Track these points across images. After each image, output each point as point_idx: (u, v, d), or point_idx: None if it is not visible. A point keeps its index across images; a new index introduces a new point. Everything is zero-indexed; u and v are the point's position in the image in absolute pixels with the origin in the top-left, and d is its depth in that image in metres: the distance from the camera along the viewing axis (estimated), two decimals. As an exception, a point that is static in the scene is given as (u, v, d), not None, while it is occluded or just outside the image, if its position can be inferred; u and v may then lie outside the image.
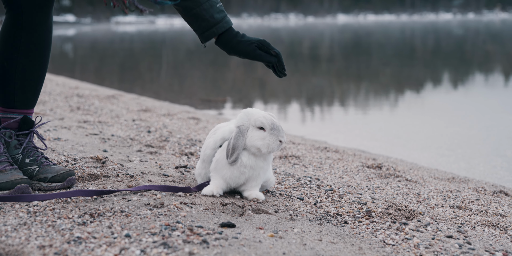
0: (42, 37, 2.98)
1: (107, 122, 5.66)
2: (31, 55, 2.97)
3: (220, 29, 2.89)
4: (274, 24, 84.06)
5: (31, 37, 2.95)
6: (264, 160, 2.94)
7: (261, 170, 2.94)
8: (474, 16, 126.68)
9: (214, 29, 2.89)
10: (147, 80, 14.63)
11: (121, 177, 3.18)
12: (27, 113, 3.04)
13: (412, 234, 2.69)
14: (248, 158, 2.90)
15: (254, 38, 2.91)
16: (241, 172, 2.91)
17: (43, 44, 3.00)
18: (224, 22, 2.90)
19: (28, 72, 2.99)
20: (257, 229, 2.50)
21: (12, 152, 2.97)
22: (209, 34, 2.91)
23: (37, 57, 2.99)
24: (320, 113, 9.30)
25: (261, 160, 2.93)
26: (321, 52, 25.64)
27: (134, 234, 2.29)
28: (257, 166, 2.92)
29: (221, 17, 2.89)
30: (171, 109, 7.52)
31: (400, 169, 4.51)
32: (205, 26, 2.89)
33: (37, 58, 2.99)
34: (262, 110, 2.98)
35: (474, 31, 47.43)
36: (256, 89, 12.96)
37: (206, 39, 2.93)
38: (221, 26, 2.89)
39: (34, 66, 3.00)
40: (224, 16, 2.91)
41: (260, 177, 2.96)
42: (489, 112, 9.20)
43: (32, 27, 2.94)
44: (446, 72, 16.55)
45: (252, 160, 2.91)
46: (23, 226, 2.33)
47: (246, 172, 2.91)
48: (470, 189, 4.08)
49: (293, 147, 5.16)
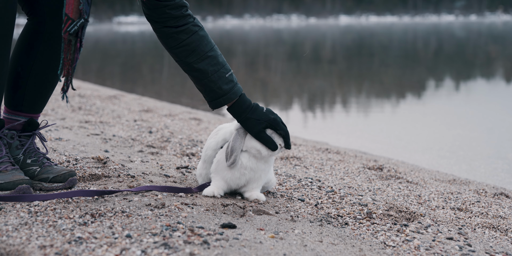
0: (61, 47, 2.98)
1: (109, 122, 5.66)
2: (46, 63, 2.96)
3: (227, 100, 2.91)
4: (276, 25, 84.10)
5: (50, 46, 2.94)
6: (266, 162, 2.95)
7: (262, 172, 2.95)
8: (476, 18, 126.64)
9: (221, 99, 2.91)
10: (149, 80, 14.64)
11: (122, 178, 3.19)
12: (33, 117, 3.05)
13: (413, 235, 2.69)
14: (248, 160, 2.90)
15: (264, 116, 2.89)
16: (242, 174, 2.91)
17: (60, 55, 3.00)
18: (231, 93, 2.91)
19: (41, 79, 2.98)
20: (258, 230, 2.50)
21: (13, 153, 2.98)
22: (217, 103, 2.94)
23: (52, 65, 2.98)
24: (322, 115, 9.30)
25: (262, 162, 2.93)
26: (323, 53, 25.64)
27: (135, 234, 2.29)
28: (258, 168, 2.92)
29: (229, 88, 2.91)
30: (172, 110, 7.53)
31: (401, 171, 4.51)
32: (213, 96, 2.92)
33: (52, 67, 2.98)
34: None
35: (476, 33, 47.41)
36: (258, 90, 12.97)
37: (214, 107, 2.96)
38: (229, 97, 2.91)
39: (48, 74, 2.99)
40: (233, 86, 2.92)
41: (261, 179, 2.97)
42: (491, 114, 9.20)
43: (52, 37, 2.93)
44: (447, 74, 16.54)
45: (253, 162, 2.91)
46: (24, 226, 2.34)
47: (246, 174, 2.91)
48: (471, 191, 4.08)
49: (295, 148, 5.16)
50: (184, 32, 2.88)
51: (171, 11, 2.85)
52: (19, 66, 2.95)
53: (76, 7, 2.68)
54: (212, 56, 2.91)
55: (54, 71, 3.00)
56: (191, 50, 2.89)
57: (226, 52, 26.01)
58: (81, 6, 2.68)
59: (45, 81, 3.01)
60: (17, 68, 2.95)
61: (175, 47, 2.90)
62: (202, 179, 3.10)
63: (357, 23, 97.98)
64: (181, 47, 2.89)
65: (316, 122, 8.60)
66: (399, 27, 69.48)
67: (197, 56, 2.89)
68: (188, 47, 2.89)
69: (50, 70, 2.99)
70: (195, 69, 2.91)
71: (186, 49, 2.89)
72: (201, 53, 2.90)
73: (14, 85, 2.97)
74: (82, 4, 2.68)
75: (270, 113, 2.92)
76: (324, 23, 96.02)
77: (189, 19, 2.90)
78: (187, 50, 2.89)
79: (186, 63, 2.91)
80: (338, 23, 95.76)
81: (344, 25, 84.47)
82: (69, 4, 2.67)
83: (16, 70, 2.95)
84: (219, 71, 2.91)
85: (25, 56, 2.95)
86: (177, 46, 2.90)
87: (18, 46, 2.97)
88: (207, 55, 2.90)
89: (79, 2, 2.68)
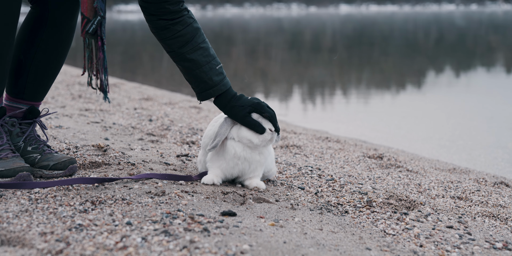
0: (64, 36, 2.98)
1: (109, 111, 5.66)
2: (49, 52, 2.97)
3: (217, 91, 2.95)
4: (276, 14, 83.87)
5: (53, 35, 2.95)
6: (261, 154, 2.94)
7: (257, 164, 2.94)
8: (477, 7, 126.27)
9: (211, 90, 2.95)
10: (149, 69, 14.62)
11: (122, 165, 3.19)
12: (34, 104, 3.04)
13: (413, 224, 2.69)
14: (243, 150, 2.90)
15: (248, 102, 2.93)
16: (235, 164, 2.91)
17: (64, 43, 3.00)
18: (221, 85, 2.96)
19: (43, 68, 2.99)
20: (258, 218, 2.50)
21: (14, 140, 2.98)
22: (206, 95, 2.97)
23: (55, 54, 2.98)
24: (322, 103, 9.29)
25: (257, 153, 2.92)
26: (323, 42, 25.59)
27: (135, 222, 2.29)
28: (253, 159, 2.91)
29: (220, 80, 2.96)
30: (172, 98, 7.52)
31: (401, 160, 4.51)
32: (203, 87, 2.96)
33: (54, 55, 2.98)
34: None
35: (477, 23, 47.30)
36: (258, 78, 12.95)
37: (203, 99, 2.99)
38: (218, 88, 2.95)
39: (50, 63, 3.00)
40: (222, 78, 2.97)
41: (257, 170, 2.96)
42: (491, 104, 9.19)
43: (55, 26, 2.94)
44: (448, 63, 16.52)
45: (247, 152, 2.90)
46: (25, 213, 2.34)
47: (239, 164, 2.91)
48: (471, 180, 4.08)
49: (295, 136, 5.16)
50: (180, 24, 2.91)
51: (170, 6, 2.88)
52: (21, 54, 2.94)
53: (90, 5, 2.69)
54: (204, 47, 2.95)
55: (57, 59, 3.00)
56: (185, 41, 2.92)
57: (227, 41, 25.96)
58: (95, 3, 2.68)
59: (47, 70, 3.01)
60: (19, 56, 2.94)
61: (169, 38, 2.93)
62: (201, 166, 3.11)
63: (358, 12, 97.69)
64: (175, 38, 2.92)
65: (316, 111, 8.60)
66: (400, 16, 69.31)
67: (190, 46, 2.93)
68: (183, 38, 2.92)
69: (52, 58, 2.99)
70: (187, 59, 2.94)
71: (180, 40, 2.92)
72: (194, 44, 2.93)
73: (16, 73, 2.97)
74: (96, 1, 2.68)
75: (254, 99, 2.96)
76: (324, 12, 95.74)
77: (185, 12, 2.94)
78: (181, 41, 2.92)
79: (179, 53, 2.94)
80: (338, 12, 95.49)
81: (345, 14, 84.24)
82: (84, 3, 2.68)
83: (18, 58, 2.94)
84: (210, 63, 2.96)
85: (28, 44, 2.95)
86: (171, 37, 2.92)
87: (20, 34, 2.96)
88: (200, 46, 2.94)
89: (93, 0, 2.68)
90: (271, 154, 3.07)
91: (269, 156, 3.04)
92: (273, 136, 2.91)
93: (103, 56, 2.81)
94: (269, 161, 3.06)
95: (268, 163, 3.05)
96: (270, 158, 3.08)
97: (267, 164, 3.05)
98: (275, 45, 23.37)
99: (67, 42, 3.02)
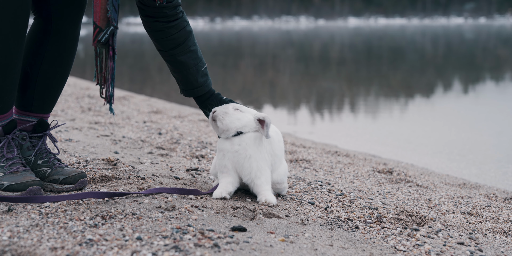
0: (68, 46, 3.00)
1: (118, 124, 5.67)
2: (55, 62, 2.99)
3: (200, 92, 3.17)
4: (284, 27, 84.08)
5: (57, 45, 2.97)
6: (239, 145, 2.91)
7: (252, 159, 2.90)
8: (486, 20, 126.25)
9: (195, 90, 3.16)
10: (158, 81, 14.66)
11: (132, 179, 3.19)
12: (43, 117, 3.05)
13: (423, 240, 2.68)
14: (222, 143, 2.96)
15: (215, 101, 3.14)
16: (222, 156, 2.95)
17: (68, 53, 3.02)
18: (205, 85, 3.17)
19: (49, 79, 3.00)
20: (268, 233, 2.50)
21: (24, 154, 2.98)
22: (190, 93, 3.17)
23: (61, 65, 3.01)
24: (331, 117, 9.29)
25: (237, 143, 2.91)
26: (332, 55, 25.62)
27: (146, 237, 2.29)
28: (233, 149, 2.91)
29: (204, 81, 3.16)
30: (181, 111, 7.53)
31: (411, 174, 4.50)
32: (188, 86, 3.16)
33: (60, 66, 3.01)
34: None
35: (486, 36, 47.28)
36: (266, 91, 12.96)
37: (186, 96, 3.20)
38: (202, 89, 3.17)
39: (56, 73, 3.02)
40: (206, 80, 3.18)
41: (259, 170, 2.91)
42: (501, 118, 9.16)
43: (59, 36, 2.96)
44: (457, 76, 16.50)
45: (227, 144, 2.93)
46: (35, 228, 2.34)
47: (226, 155, 2.93)
48: (481, 195, 4.06)
49: (304, 150, 5.16)
50: (174, 28, 3.04)
51: (168, 10, 3.00)
52: (28, 66, 2.96)
53: (103, 15, 2.72)
54: (194, 50, 3.11)
55: (63, 69, 3.03)
56: (177, 44, 3.06)
57: (236, 53, 26.03)
58: (109, 13, 2.71)
59: (53, 80, 3.02)
60: (26, 68, 2.96)
61: (163, 39, 3.06)
62: (213, 167, 3.13)
63: (366, 25, 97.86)
64: (168, 40, 3.06)
65: (325, 125, 8.59)
66: (408, 29, 69.38)
67: (181, 49, 3.08)
68: (175, 41, 3.06)
69: (58, 69, 3.01)
70: (177, 60, 3.10)
71: (172, 42, 3.06)
72: (185, 47, 3.08)
73: (23, 86, 2.98)
74: (110, 11, 2.71)
75: (227, 99, 3.17)
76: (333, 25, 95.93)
77: (180, 15, 3.06)
78: (173, 43, 3.06)
79: (170, 54, 3.09)
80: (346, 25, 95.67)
81: (353, 27, 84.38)
82: (96, 12, 2.71)
83: (24, 70, 2.96)
84: (198, 65, 3.12)
85: (33, 56, 2.96)
86: (164, 38, 3.06)
87: (26, 45, 2.98)
88: (190, 49, 3.10)
89: (107, 10, 2.71)
90: (285, 165, 3.07)
91: (280, 168, 3.03)
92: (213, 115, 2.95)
93: (113, 66, 2.84)
94: (281, 173, 3.04)
95: (281, 174, 3.04)
96: (283, 171, 3.06)
97: (279, 176, 3.02)
98: (284, 58, 23.41)
99: (71, 51, 3.04)
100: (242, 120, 2.92)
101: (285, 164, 3.10)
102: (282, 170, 3.06)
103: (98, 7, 2.74)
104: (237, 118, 2.93)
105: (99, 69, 2.86)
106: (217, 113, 2.95)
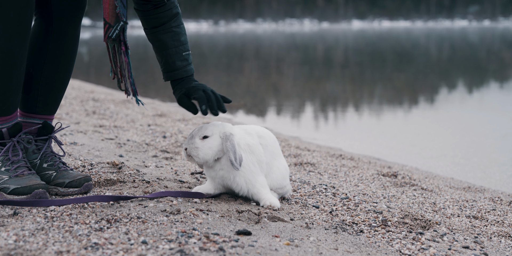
0: (69, 45, 3.03)
1: (123, 127, 5.68)
2: (57, 62, 3.01)
3: (177, 75, 3.08)
4: (288, 30, 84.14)
5: (58, 45, 3.00)
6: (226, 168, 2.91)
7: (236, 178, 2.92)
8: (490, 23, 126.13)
9: (172, 73, 3.08)
10: (162, 84, 14.67)
11: (137, 183, 3.19)
12: (47, 119, 3.07)
13: (429, 244, 2.68)
14: (207, 171, 2.99)
15: (186, 85, 3.03)
16: (215, 182, 2.99)
17: (70, 53, 3.05)
18: (183, 70, 3.08)
19: (52, 79, 3.02)
20: (273, 237, 2.50)
21: (30, 157, 2.99)
22: (167, 76, 3.11)
23: (63, 65, 3.03)
24: (335, 120, 9.29)
25: (219, 169, 2.93)
26: (336, 58, 25.62)
27: (151, 240, 2.29)
28: (218, 175, 2.94)
29: (182, 65, 3.08)
30: (185, 114, 7.54)
31: (415, 178, 4.49)
32: (166, 68, 3.09)
33: (62, 66, 3.03)
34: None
35: (490, 39, 47.22)
36: (270, 94, 12.97)
37: (165, 79, 3.13)
38: (179, 73, 3.08)
39: (59, 73, 3.04)
40: (186, 65, 3.08)
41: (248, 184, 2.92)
42: (505, 121, 9.14)
43: (60, 36, 2.99)
44: (461, 79, 16.48)
45: (211, 172, 2.96)
46: (41, 231, 2.34)
47: (216, 181, 2.98)
48: (486, 198, 4.06)
49: (308, 154, 5.16)
50: (162, 8, 3.05)
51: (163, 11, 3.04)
52: (31, 66, 2.98)
53: (112, 11, 2.75)
54: (176, 32, 3.07)
55: (65, 69, 3.05)
56: (161, 23, 3.05)
57: (239, 56, 26.04)
58: (118, 9, 2.73)
59: (57, 80, 3.04)
60: (29, 69, 2.98)
61: (148, 17, 3.05)
62: None
63: (370, 28, 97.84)
64: (154, 19, 3.05)
65: (329, 128, 8.59)
66: (412, 32, 69.34)
67: (163, 28, 3.05)
68: (160, 20, 3.05)
69: (61, 68, 3.03)
70: (158, 39, 3.06)
71: (157, 21, 3.05)
72: (167, 27, 3.06)
73: (27, 87, 2.99)
74: (118, 7, 2.74)
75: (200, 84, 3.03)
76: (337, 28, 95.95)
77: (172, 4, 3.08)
78: (157, 22, 3.05)
79: (152, 31, 3.07)
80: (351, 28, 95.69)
81: (357, 30, 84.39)
82: (105, 9, 2.74)
83: (28, 71, 2.97)
84: (178, 48, 3.07)
85: (36, 56, 2.98)
86: (150, 16, 3.05)
87: (28, 46, 3.00)
88: (172, 30, 3.07)
89: (115, 6, 2.73)
90: (281, 169, 3.05)
91: (278, 170, 3.02)
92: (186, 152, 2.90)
93: (128, 60, 2.87)
94: (279, 175, 3.03)
95: (277, 179, 3.03)
96: (282, 173, 3.05)
97: (277, 181, 3.02)
98: (288, 61, 23.42)
99: (72, 51, 3.07)
100: (214, 148, 2.88)
101: (281, 168, 3.07)
102: (277, 174, 3.04)
103: (107, 4, 2.77)
104: (209, 147, 2.87)
105: (113, 64, 2.91)
106: (189, 150, 2.89)
